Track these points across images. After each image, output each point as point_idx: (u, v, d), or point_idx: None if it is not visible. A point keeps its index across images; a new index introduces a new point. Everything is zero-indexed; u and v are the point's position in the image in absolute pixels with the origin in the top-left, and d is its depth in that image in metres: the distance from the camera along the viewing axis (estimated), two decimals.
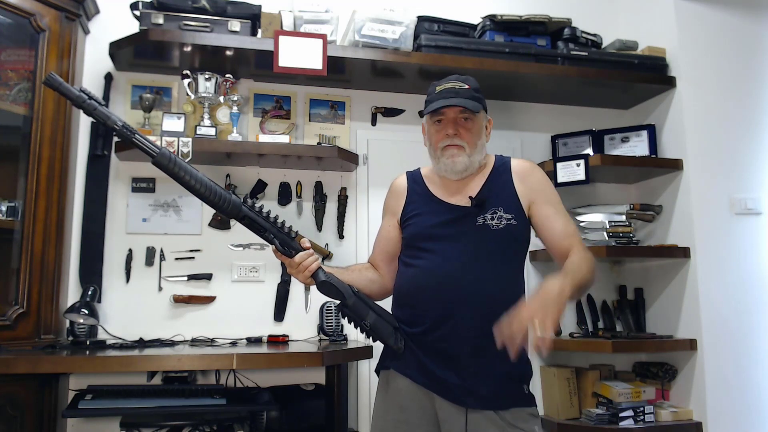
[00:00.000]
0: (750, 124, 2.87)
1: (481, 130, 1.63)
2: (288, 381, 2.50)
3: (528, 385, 1.55)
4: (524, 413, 1.51)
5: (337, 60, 2.55)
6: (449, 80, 1.62)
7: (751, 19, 2.97)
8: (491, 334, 1.38)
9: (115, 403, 2.03)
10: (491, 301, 1.50)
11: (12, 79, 2.28)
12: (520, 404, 1.51)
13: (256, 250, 2.66)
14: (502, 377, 1.50)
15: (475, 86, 1.63)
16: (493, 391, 1.49)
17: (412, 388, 1.56)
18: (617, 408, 2.58)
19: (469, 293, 1.51)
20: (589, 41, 2.93)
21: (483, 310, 1.49)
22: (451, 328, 1.51)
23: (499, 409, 1.49)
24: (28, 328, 2.16)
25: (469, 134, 1.59)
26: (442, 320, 1.52)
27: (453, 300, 1.52)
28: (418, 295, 1.58)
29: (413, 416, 1.55)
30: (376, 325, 1.55)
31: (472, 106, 1.57)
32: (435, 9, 2.83)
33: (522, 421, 1.49)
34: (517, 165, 1.67)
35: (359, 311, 1.54)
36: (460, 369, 1.50)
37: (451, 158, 1.59)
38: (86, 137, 2.55)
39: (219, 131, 2.58)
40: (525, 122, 3.07)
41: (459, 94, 1.58)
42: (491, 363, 1.49)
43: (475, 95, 1.61)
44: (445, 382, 1.51)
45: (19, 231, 2.20)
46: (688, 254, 2.73)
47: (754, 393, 2.67)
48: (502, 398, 1.50)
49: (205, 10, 2.48)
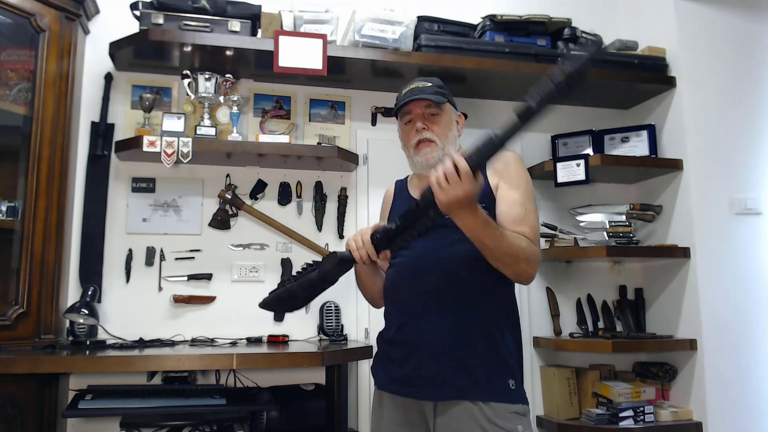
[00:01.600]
0: (750, 124, 2.87)
1: (450, 123, 1.65)
2: (288, 381, 2.50)
3: (515, 381, 1.49)
4: (507, 410, 1.44)
5: (337, 60, 2.55)
6: (413, 81, 1.66)
7: (751, 19, 2.97)
8: (470, 323, 1.42)
9: (115, 403, 2.03)
10: (468, 289, 1.50)
11: (12, 79, 2.29)
12: (502, 399, 1.45)
13: (256, 250, 2.66)
14: (481, 367, 1.46)
15: (439, 84, 1.66)
16: (471, 380, 1.45)
17: (396, 401, 1.54)
18: (617, 408, 2.58)
19: (443, 283, 1.50)
20: (589, 41, 2.92)
21: (452, 299, 1.49)
22: (426, 321, 1.50)
23: (478, 399, 1.44)
24: (28, 328, 2.15)
25: (438, 127, 1.61)
26: (418, 314, 1.51)
27: (427, 291, 1.51)
28: (395, 292, 1.60)
29: (403, 429, 1.53)
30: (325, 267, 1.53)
31: (436, 98, 1.60)
32: (435, 9, 2.83)
33: (502, 419, 1.43)
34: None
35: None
36: (438, 360, 1.47)
37: (424, 155, 1.60)
38: (86, 137, 2.55)
39: (219, 131, 2.58)
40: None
41: (423, 92, 1.61)
42: (469, 353, 1.47)
43: (439, 91, 1.63)
44: (424, 379, 1.48)
45: (19, 231, 2.20)
46: (688, 254, 2.73)
47: (754, 393, 2.67)
48: (482, 389, 1.45)
49: (205, 10, 2.48)
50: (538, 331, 2.90)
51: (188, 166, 2.58)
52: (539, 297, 2.94)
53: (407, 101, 1.61)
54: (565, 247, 2.79)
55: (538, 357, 2.89)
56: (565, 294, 2.97)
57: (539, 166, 2.90)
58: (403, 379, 1.52)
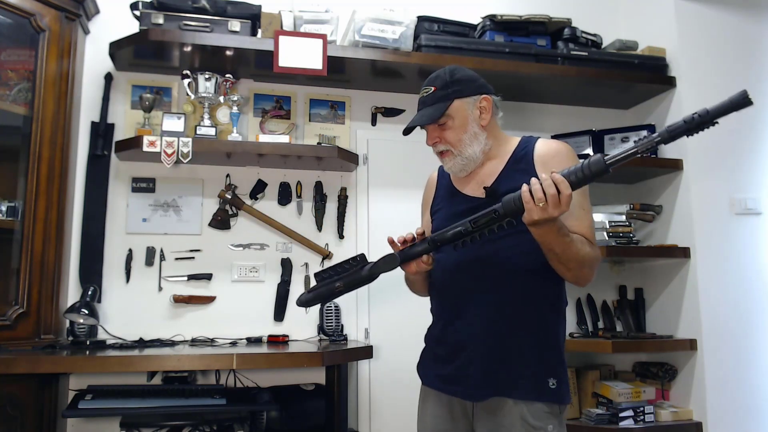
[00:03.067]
0: (750, 124, 2.87)
1: (465, 122, 1.56)
2: (288, 381, 2.50)
3: (557, 380, 1.46)
4: (542, 410, 1.43)
5: (337, 60, 2.55)
6: (424, 84, 1.59)
7: (751, 19, 2.97)
8: (514, 322, 1.42)
9: (115, 403, 2.03)
10: (508, 289, 1.47)
11: (12, 79, 2.29)
12: (541, 399, 1.43)
13: (256, 250, 2.66)
14: (523, 366, 1.45)
15: (442, 84, 1.55)
16: (512, 379, 1.44)
17: (441, 398, 1.55)
18: (617, 408, 2.58)
19: (488, 279, 1.48)
20: (589, 41, 2.93)
21: (496, 299, 1.47)
22: (469, 319, 1.49)
23: (518, 398, 1.43)
24: (28, 328, 2.16)
25: (450, 134, 1.55)
26: (461, 312, 1.51)
27: (472, 288, 1.49)
28: (439, 287, 1.59)
29: (446, 425, 1.54)
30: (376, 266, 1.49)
31: (434, 112, 1.53)
32: (435, 9, 2.83)
33: (535, 418, 1.42)
34: (541, 147, 1.57)
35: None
36: (481, 359, 1.46)
37: (446, 164, 1.59)
38: (86, 137, 2.55)
39: (219, 131, 2.59)
40: (525, 122, 3.07)
41: (425, 103, 1.56)
42: (512, 351, 1.45)
43: (441, 96, 1.54)
44: (467, 377, 1.48)
45: (19, 231, 2.20)
46: (688, 254, 2.73)
47: (754, 393, 2.67)
48: (522, 388, 1.44)
49: (205, 10, 2.48)
50: None
51: (188, 166, 2.58)
52: None
53: (407, 127, 1.57)
54: None
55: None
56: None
57: None
58: (448, 376, 1.52)
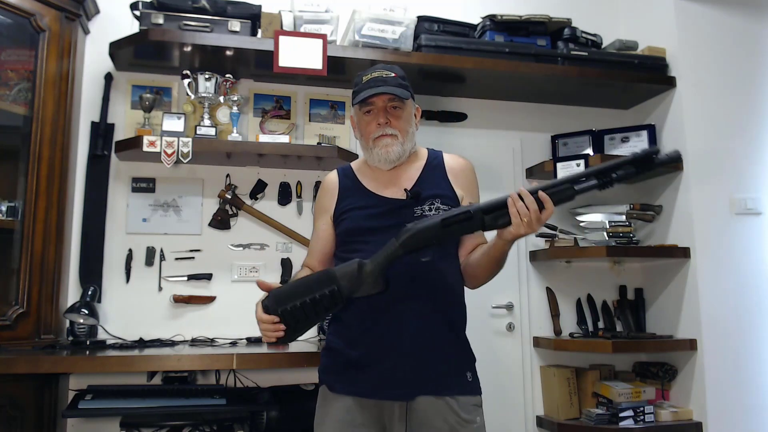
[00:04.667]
0: (750, 124, 2.87)
1: (411, 117, 1.63)
2: (288, 381, 2.49)
3: (472, 373, 1.54)
4: (469, 403, 1.50)
5: (337, 60, 2.55)
6: (375, 69, 1.61)
7: (751, 19, 2.97)
8: (432, 322, 1.47)
9: (115, 403, 2.03)
10: (432, 289, 1.51)
11: (12, 79, 2.29)
12: (464, 392, 1.51)
13: (256, 250, 2.66)
14: (443, 363, 1.50)
15: (401, 74, 1.62)
16: (436, 376, 1.48)
17: (347, 404, 1.51)
18: (617, 408, 2.58)
19: (413, 285, 1.50)
20: (589, 41, 2.93)
21: (423, 298, 1.50)
22: (390, 319, 1.49)
23: (444, 394, 1.47)
24: (28, 328, 2.15)
25: (400, 122, 1.59)
26: (381, 312, 1.50)
27: (398, 292, 1.48)
28: None
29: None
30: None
31: (401, 93, 1.57)
32: (435, 9, 2.83)
33: (465, 411, 1.48)
34: (450, 160, 1.67)
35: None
36: (401, 358, 1.47)
37: (384, 148, 1.58)
38: (86, 137, 2.55)
39: (219, 131, 2.58)
40: (525, 122, 3.07)
41: (386, 83, 1.57)
42: (432, 350, 1.49)
43: (402, 83, 1.60)
44: (387, 379, 1.47)
45: (19, 231, 2.20)
46: (688, 254, 2.73)
47: (754, 393, 2.67)
48: (446, 384, 1.49)
49: (205, 10, 2.48)
50: (538, 331, 2.91)
51: (188, 166, 2.58)
52: (539, 297, 2.94)
53: (372, 94, 1.55)
54: (565, 247, 2.79)
55: (538, 357, 2.89)
56: (565, 294, 2.97)
57: (539, 165, 2.90)
58: (368, 380, 1.49)
